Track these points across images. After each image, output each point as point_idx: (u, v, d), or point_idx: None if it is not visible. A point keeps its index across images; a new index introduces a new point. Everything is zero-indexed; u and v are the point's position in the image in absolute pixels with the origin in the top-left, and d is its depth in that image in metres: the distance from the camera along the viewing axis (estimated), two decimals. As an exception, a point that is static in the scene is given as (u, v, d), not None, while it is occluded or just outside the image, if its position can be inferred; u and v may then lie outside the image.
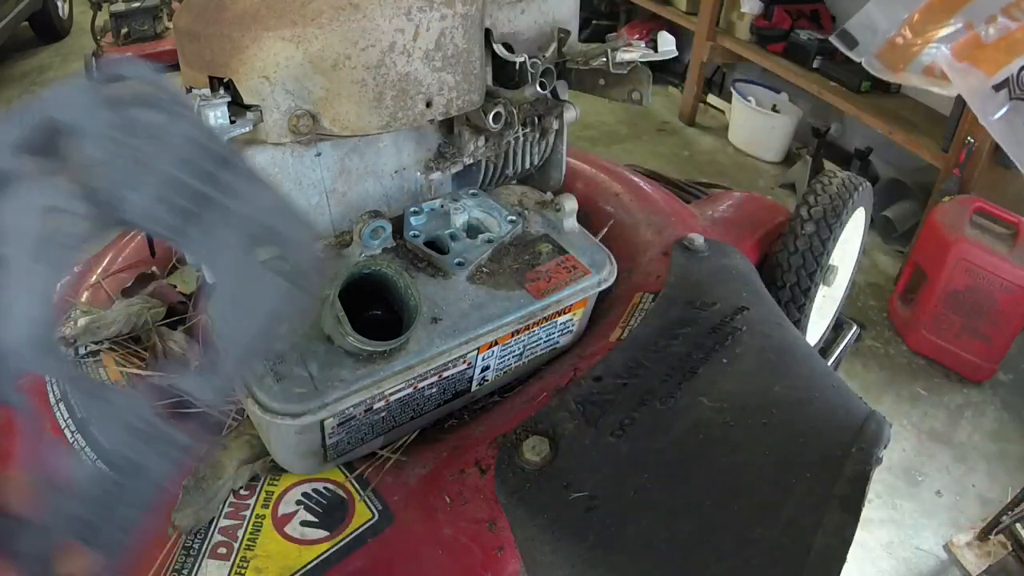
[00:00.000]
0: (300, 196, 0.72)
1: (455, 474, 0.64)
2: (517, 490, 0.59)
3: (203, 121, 0.60)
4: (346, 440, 0.62)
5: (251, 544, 0.59)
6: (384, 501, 0.62)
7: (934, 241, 1.86)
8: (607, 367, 0.69)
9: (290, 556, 0.58)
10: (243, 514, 0.61)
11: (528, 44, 0.84)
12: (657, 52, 0.84)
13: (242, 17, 0.63)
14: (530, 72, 0.79)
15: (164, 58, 3.94)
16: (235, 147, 0.67)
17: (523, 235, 0.75)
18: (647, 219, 0.96)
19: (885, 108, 2.36)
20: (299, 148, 0.70)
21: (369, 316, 0.65)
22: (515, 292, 0.68)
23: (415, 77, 0.67)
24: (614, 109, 3.30)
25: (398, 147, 0.77)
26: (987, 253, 1.76)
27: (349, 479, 0.64)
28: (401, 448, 0.67)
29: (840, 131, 2.84)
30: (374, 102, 0.66)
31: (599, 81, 0.89)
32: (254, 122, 0.65)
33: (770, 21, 2.78)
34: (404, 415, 0.65)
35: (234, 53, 0.64)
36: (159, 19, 3.78)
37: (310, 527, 0.60)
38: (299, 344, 0.59)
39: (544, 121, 0.86)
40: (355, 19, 0.63)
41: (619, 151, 3.06)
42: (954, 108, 2.06)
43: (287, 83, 0.64)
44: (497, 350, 0.68)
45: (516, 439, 0.63)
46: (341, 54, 0.63)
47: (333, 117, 0.66)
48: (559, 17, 0.86)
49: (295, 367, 0.58)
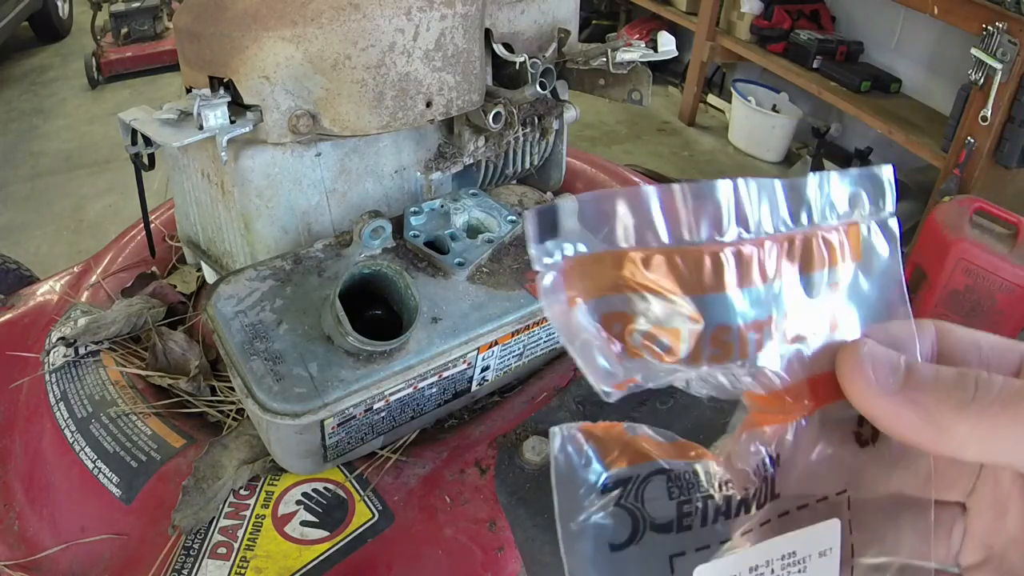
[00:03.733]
0: (300, 196, 0.72)
1: (455, 474, 0.64)
2: (517, 490, 0.59)
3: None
4: (346, 440, 0.62)
5: (251, 544, 0.59)
6: (384, 501, 0.62)
7: (934, 241, 1.86)
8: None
9: (290, 556, 0.58)
10: (243, 514, 0.61)
11: (528, 44, 0.84)
12: (657, 52, 0.84)
13: (242, 17, 0.63)
14: (530, 72, 0.79)
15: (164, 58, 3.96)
16: (235, 147, 0.67)
17: (523, 235, 0.75)
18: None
19: (885, 108, 2.36)
20: (299, 148, 0.70)
21: (369, 316, 0.65)
22: (515, 292, 0.68)
23: (415, 77, 0.67)
24: (614, 109, 3.30)
25: (398, 147, 0.77)
26: (987, 253, 1.76)
27: (349, 479, 0.64)
28: (401, 448, 0.67)
29: (840, 131, 2.84)
30: (374, 102, 0.66)
31: (599, 81, 0.89)
32: (254, 122, 0.65)
33: (770, 21, 2.78)
34: (404, 415, 0.65)
35: (234, 53, 0.64)
36: (159, 19, 3.79)
37: (310, 527, 0.60)
38: (299, 344, 0.59)
39: (544, 121, 0.86)
40: (355, 19, 0.63)
41: (619, 151, 3.06)
42: (954, 108, 2.06)
43: (287, 83, 0.64)
44: (497, 350, 0.68)
45: (516, 439, 0.63)
46: (341, 54, 0.63)
47: (333, 117, 0.66)
48: (559, 17, 0.86)
49: (295, 367, 0.58)
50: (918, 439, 0.23)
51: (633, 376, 0.22)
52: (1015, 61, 1.85)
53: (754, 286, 0.23)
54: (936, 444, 0.23)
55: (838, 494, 0.26)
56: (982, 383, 0.23)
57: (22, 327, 0.84)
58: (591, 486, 0.23)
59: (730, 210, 0.23)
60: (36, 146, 3.19)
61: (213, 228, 0.79)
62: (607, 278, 0.22)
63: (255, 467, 0.64)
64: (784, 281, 0.24)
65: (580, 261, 0.21)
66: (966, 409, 0.22)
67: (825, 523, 0.25)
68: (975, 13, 1.93)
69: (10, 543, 0.66)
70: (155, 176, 0.80)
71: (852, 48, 2.66)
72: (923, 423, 0.23)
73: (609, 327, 0.22)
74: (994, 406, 0.22)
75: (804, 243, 0.24)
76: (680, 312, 0.22)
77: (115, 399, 0.71)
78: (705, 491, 0.24)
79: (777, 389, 0.24)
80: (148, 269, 0.89)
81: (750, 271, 0.23)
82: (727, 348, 0.23)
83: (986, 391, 0.22)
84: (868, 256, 0.25)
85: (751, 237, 0.23)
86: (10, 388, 0.76)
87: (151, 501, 0.63)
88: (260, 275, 0.65)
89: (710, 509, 0.24)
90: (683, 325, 0.22)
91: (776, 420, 0.25)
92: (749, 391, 0.24)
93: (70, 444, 0.68)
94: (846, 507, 0.26)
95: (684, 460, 0.24)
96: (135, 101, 3.34)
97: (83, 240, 2.51)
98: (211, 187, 0.74)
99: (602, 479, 0.23)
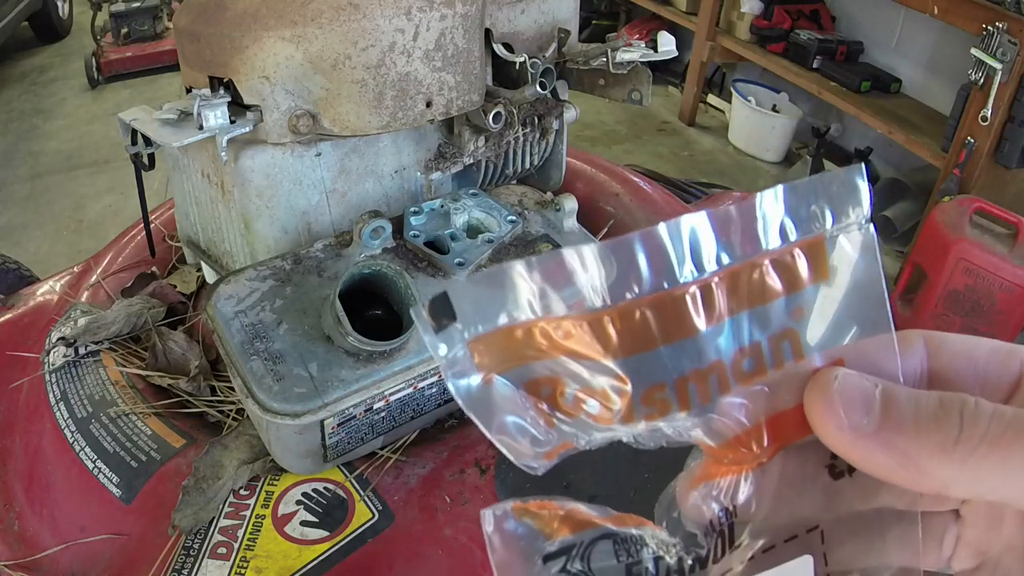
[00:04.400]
0: (300, 196, 0.72)
1: (455, 474, 0.64)
2: (517, 490, 0.59)
3: None
4: (346, 440, 0.62)
5: (251, 544, 0.59)
6: (384, 501, 0.62)
7: (934, 241, 1.86)
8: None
9: (290, 556, 0.58)
10: (243, 514, 0.61)
11: (528, 44, 0.84)
12: (657, 52, 0.84)
13: (242, 17, 0.63)
14: (530, 72, 0.79)
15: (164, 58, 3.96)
16: (235, 147, 0.67)
17: (523, 235, 0.75)
18: (647, 219, 0.96)
19: (885, 108, 2.36)
20: (299, 148, 0.70)
21: (369, 316, 0.65)
22: (515, 292, 0.68)
23: (415, 77, 0.67)
24: (614, 109, 3.30)
25: (398, 147, 0.77)
26: (987, 253, 1.76)
27: (349, 479, 0.64)
28: (401, 448, 0.67)
29: (840, 131, 2.84)
30: (374, 102, 0.66)
31: (599, 81, 0.89)
32: (254, 122, 0.65)
33: (770, 21, 2.78)
34: (404, 415, 0.65)
35: (234, 53, 0.64)
36: (159, 19, 3.79)
37: (310, 527, 0.60)
38: (299, 344, 0.59)
39: (544, 121, 0.86)
40: (355, 19, 0.63)
41: (619, 151, 3.06)
42: (954, 108, 2.07)
43: (287, 83, 0.64)
44: (497, 350, 0.68)
45: (516, 439, 0.63)
46: (341, 54, 0.63)
47: (333, 117, 0.66)
48: (559, 17, 0.86)
49: (295, 367, 0.58)
50: (898, 481, 0.21)
51: (568, 440, 0.21)
52: (1015, 61, 1.85)
53: (693, 334, 0.21)
54: (917, 485, 0.21)
55: (809, 531, 0.24)
56: (968, 417, 0.20)
57: (22, 327, 0.84)
58: (532, 556, 0.21)
59: (656, 258, 0.21)
60: (36, 146, 3.19)
61: (213, 228, 0.79)
62: (522, 348, 0.20)
63: (255, 467, 0.64)
64: (732, 319, 0.22)
65: (486, 339, 0.20)
66: (950, 452, 0.20)
67: (794, 561, 0.23)
68: (975, 13, 1.93)
69: (10, 543, 0.66)
70: (155, 176, 0.80)
71: (852, 48, 2.66)
72: (902, 468, 0.21)
73: (536, 393, 0.20)
74: (982, 447, 0.20)
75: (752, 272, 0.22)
76: (605, 376, 0.20)
77: (115, 399, 0.71)
78: (655, 553, 0.22)
79: (731, 439, 0.22)
80: (148, 269, 0.89)
81: (686, 319, 0.21)
82: (663, 405, 0.21)
83: (972, 427, 0.20)
84: (838, 273, 0.23)
85: (686, 281, 0.21)
86: (10, 388, 0.76)
87: (151, 501, 0.63)
88: (260, 275, 0.65)
89: (662, 570, 0.22)
90: (610, 388, 0.21)
91: (731, 471, 0.23)
92: (700, 441, 0.22)
93: (70, 444, 0.68)
94: (819, 540, 0.24)
95: (626, 527, 0.23)
96: (135, 101, 3.34)
97: (83, 240, 2.51)
98: (211, 187, 0.74)
99: (544, 548, 0.21)
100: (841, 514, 0.24)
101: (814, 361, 0.22)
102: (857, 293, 0.23)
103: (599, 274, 0.20)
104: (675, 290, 0.21)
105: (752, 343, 0.22)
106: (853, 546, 0.24)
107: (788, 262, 0.22)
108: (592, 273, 0.20)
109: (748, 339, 0.22)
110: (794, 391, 0.22)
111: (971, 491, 0.21)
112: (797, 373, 0.22)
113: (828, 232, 0.22)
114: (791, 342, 0.22)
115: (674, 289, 0.21)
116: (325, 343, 0.60)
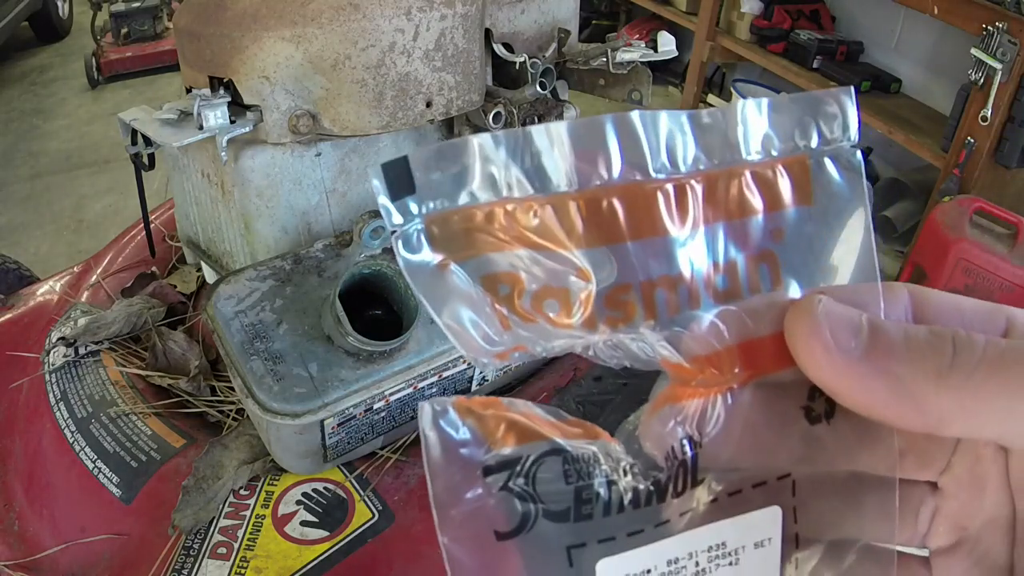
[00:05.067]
0: (300, 196, 0.72)
1: (455, 474, 0.64)
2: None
3: None
4: (346, 440, 0.62)
5: (251, 544, 0.59)
6: (384, 501, 0.62)
7: (934, 241, 1.86)
8: (607, 367, 0.69)
9: (290, 556, 0.58)
10: (243, 514, 0.61)
11: (528, 44, 0.84)
12: (657, 52, 0.84)
13: (242, 17, 0.63)
14: (530, 72, 0.79)
15: (164, 58, 3.96)
16: (235, 147, 0.67)
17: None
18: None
19: (885, 108, 2.36)
20: (299, 148, 0.70)
21: (369, 316, 0.65)
22: (515, 292, 0.68)
23: (415, 77, 0.67)
24: (614, 109, 3.30)
25: (398, 147, 0.77)
26: (987, 253, 1.76)
27: (349, 479, 0.64)
28: (401, 448, 0.67)
29: (840, 131, 2.84)
30: (374, 102, 0.66)
31: (599, 81, 0.89)
32: (254, 122, 0.65)
33: (770, 21, 2.77)
34: (404, 415, 0.65)
35: (234, 53, 0.64)
36: (159, 19, 3.79)
37: (310, 527, 0.60)
38: (299, 344, 0.59)
39: (544, 121, 0.86)
40: (355, 19, 0.63)
41: (619, 151, 3.05)
42: (954, 108, 2.07)
43: (287, 83, 0.64)
44: (497, 350, 0.68)
45: (516, 439, 0.63)
46: (341, 54, 0.64)
47: (333, 117, 0.66)
48: (559, 17, 0.86)
49: (295, 367, 0.58)
50: (888, 415, 0.19)
51: (522, 343, 0.19)
52: (1015, 61, 1.85)
53: (663, 235, 0.20)
54: (910, 420, 0.19)
55: (780, 479, 0.22)
56: (961, 344, 0.19)
57: (22, 327, 0.84)
58: (471, 467, 0.19)
59: (629, 145, 0.19)
60: (36, 146, 3.19)
61: (213, 228, 0.79)
62: (482, 234, 0.19)
63: (255, 467, 0.64)
64: (707, 228, 0.20)
65: (444, 217, 0.18)
66: (945, 377, 0.18)
67: (762, 511, 0.22)
68: (975, 13, 1.93)
69: (10, 543, 0.66)
70: (155, 176, 0.80)
71: (852, 48, 2.66)
72: (895, 396, 0.19)
73: (494, 291, 0.19)
74: (978, 371, 0.18)
75: (730, 181, 0.20)
76: (567, 268, 0.19)
77: (115, 399, 0.71)
78: (608, 476, 0.20)
79: (699, 356, 0.20)
80: (148, 269, 0.89)
81: (657, 217, 0.19)
82: (628, 309, 0.19)
83: (968, 353, 0.18)
84: (822, 198, 0.21)
85: (659, 177, 0.19)
86: (10, 388, 0.76)
87: (151, 501, 0.63)
88: (260, 275, 0.65)
89: (614, 497, 0.20)
90: (572, 285, 0.19)
91: (698, 394, 0.21)
92: (665, 359, 0.20)
93: (70, 444, 0.68)
94: (790, 492, 0.22)
95: (580, 440, 0.20)
96: (135, 101, 3.34)
97: (83, 240, 2.51)
98: (211, 187, 0.75)
99: (484, 459, 0.19)
100: (816, 470, 0.22)
101: (793, 291, 0.21)
102: (841, 225, 0.21)
103: (568, 155, 0.19)
104: (647, 183, 0.19)
105: (728, 260, 0.20)
106: (826, 508, 0.22)
107: (769, 177, 0.21)
108: (560, 153, 0.19)
109: (724, 255, 0.20)
110: (771, 320, 0.20)
111: (968, 426, 0.19)
112: (774, 301, 0.21)
113: (813, 152, 0.21)
114: (769, 266, 0.21)
115: (646, 182, 0.19)
116: (325, 343, 0.60)
